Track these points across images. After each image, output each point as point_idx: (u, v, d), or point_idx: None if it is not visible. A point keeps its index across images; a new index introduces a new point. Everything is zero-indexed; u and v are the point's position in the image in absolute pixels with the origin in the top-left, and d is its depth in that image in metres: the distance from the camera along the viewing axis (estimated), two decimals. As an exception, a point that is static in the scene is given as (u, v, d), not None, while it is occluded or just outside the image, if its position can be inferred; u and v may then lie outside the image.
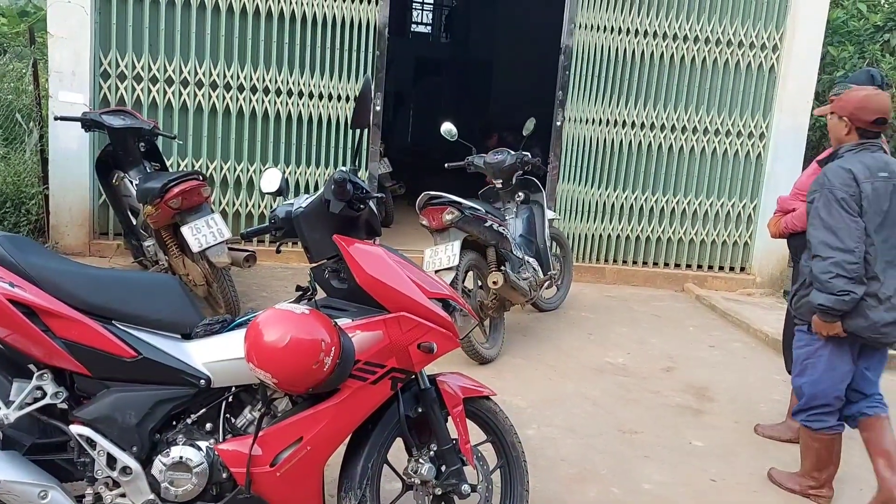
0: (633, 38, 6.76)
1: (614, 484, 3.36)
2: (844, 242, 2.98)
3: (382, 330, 2.28)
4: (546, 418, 3.95)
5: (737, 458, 3.76)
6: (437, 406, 2.46)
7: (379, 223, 2.55)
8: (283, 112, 6.34)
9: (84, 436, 2.17)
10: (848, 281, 2.97)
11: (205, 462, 2.23)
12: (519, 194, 5.41)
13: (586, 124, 6.81)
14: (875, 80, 3.65)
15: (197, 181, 4.46)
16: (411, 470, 2.45)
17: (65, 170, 5.96)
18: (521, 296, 4.81)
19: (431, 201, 4.48)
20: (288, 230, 2.47)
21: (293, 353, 2.07)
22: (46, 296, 2.18)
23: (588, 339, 5.33)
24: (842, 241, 2.99)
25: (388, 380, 2.29)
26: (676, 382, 4.68)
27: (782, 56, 6.87)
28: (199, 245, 4.39)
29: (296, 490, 2.27)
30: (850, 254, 2.97)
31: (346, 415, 2.27)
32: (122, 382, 2.23)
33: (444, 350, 2.36)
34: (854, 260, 2.97)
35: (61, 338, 2.17)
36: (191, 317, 2.34)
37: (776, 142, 6.93)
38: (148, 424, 2.23)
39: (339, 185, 2.26)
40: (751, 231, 7.12)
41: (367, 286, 2.31)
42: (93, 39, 5.90)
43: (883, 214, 3.05)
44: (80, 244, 6.07)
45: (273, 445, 2.24)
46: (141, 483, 2.20)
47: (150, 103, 6.12)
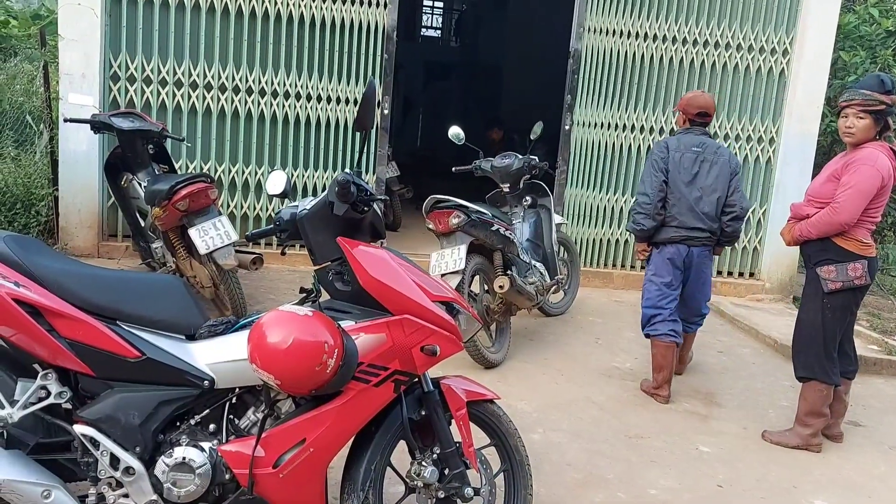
0: (643, 42, 6.74)
1: (620, 489, 3.34)
2: (647, 190, 4.33)
3: (386, 332, 2.28)
4: (552, 423, 3.93)
5: (744, 464, 3.73)
6: (440, 409, 2.45)
7: (383, 226, 2.55)
8: (291, 115, 6.36)
9: (87, 436, 2.18)
10: (644, 216, 4.32)
11: (208, 463, 2.23)
12: (526, 198, 5.39)
13: (595, 128, 6.79)
14: (885, 84, 3.63)
15: (204, 183, 4.48)
16: (414, 473, 2.44)
17: (74, 172, 6.00)
18: (527, 300, 4.80)
19: (438, 205, 4.48)
20: (292, 232, 2.47)
21: (296, 355, 2.07)
22: (51, 296, 2.18)
23: (595, 343, 5.31)
24: (645, 188, 4.34)
25: (391, 382, 2.28)
26: (684, 388, 4.65)
27: (792, 61, 6.84)
28: (207, 247, 4.41)
29: (298, 492, 2.26)
30: (647, 197, 4.31)
31: (349, 417, 2.27)
32: (125, 383, 2.24)
33: (448, 353, 2.36)
34: (649, 202, 4.29)
35: (65, 338, 2.17)
36: (195, 318, 2.35)
37: (785, 147, 6.90)
38: (151, 425, 2.23)
39: (342, 186, 2.26)
40: (760, 236, 7.08)
41: (371, 288, 2.31)
42: (103, 42, 5.94)
43: (692, 175, 4.32)
44: (89, 246, 6.10)
45: (276, 447, 2.23)
46: (144, 483, 2.20)
47: (160, 106, 6.15)
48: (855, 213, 3.67)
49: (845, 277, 3.73)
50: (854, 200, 3.65)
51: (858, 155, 3.71)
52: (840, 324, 3.85)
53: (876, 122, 3.68)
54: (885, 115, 3.67)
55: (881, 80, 3.67)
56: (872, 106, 3.65)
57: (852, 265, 3.72)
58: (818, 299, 3.84)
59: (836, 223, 3.70)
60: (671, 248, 4.37)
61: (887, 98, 3.64)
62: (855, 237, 3.72)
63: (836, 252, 3.76)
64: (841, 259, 3.75)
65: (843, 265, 3.74)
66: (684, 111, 4.47)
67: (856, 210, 3.66)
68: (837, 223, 3.70)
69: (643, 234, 4.40)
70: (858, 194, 3.65)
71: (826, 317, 3.83)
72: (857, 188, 3.65)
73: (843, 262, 3.74)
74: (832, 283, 3.76)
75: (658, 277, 4.40)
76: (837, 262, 3.75)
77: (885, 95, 3.64)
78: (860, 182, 3.65)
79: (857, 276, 3.72)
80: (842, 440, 4.09)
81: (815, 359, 3.88)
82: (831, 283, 3.76)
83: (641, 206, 4.35)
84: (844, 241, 3.73)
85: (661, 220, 4.33)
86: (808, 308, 3.94)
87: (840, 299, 3.79)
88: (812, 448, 3.92)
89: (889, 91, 3.64)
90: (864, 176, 3.65)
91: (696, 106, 4.41)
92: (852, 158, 3.71)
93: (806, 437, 3.92)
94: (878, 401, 4.79)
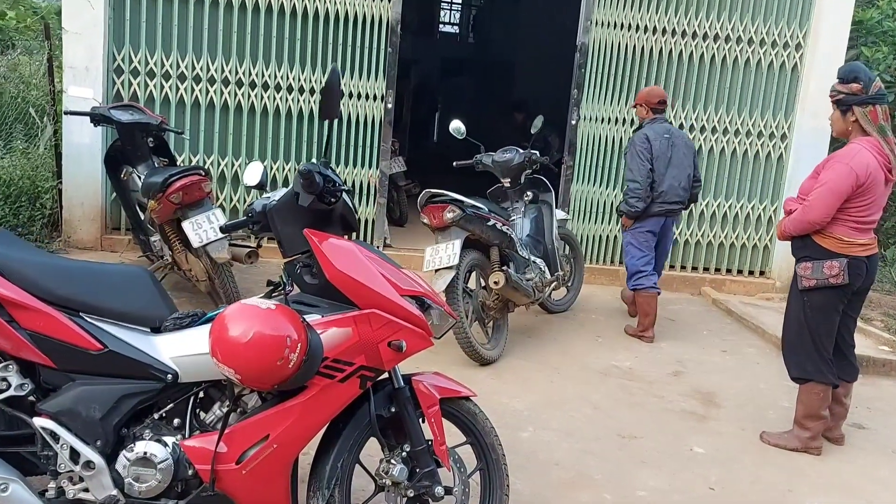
0: (651, 36, 6.62)
1: (607, 490, 3.27)
2: (636, 178, 5.10)
3: (352, 327, 2.22)
4: (543, 421, 3.86)
5: (739, 465, 3.64)
6: (411, 406, 2.39)
7: (355, 218, 2.50)
8: (294, 109, 6.33)
9: (47, 429, 2.15)
10: (637, 199, 5.11)
11: (170, 458, 2.20)
12: (527, 193, 5.32)
13: (602, 123, 6.69)
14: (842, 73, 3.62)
15: (198, 176, 4.45)
16: (382, 471, 2.40)
17: (78, 165, 6.01)
18: (524, 296, 4.73)
19: (433, 199, 4.42)
20: (265, 224, 2.43)
21: (257, 349, 2.03)
22: (12, 286, 2.15)
23: (596, 341, 5.23)
24: (635, 176, 5.11)
25: (356, 378, 2.23)
26: (683, 387, 4.56)
27: (806, 55, 6.69)
28: (200, 240, 4.39)
29: (262, 488, 2.22)
30: (638, 183, 5.09)
31: (314, 413, 2.22)
32: (88, 375, 2.21)
33: (416, 348, 2.30)
34: (640, 187, 5.09)
35: (26, 329, 2.15)
36: (160, 310, 2.31)
37: (798, 143, 6.75)
38: (113, 418, 2.20)
39: (305, 177, 2.21)
40: (771, 234, 6.94)
41: (337, 282, 2.26)
42: (106, 35, 5.94)
43: (668, 159, 5.16)
44: (93, 239, 6.12)
45: (239, 442, 2.19)
46: (104, 478, 2.17)
47: (163, 99, 6.14)
48: (825, 213, 3.57)
49: (820, 275, 3.63)
50: (824, 199, 3.56)
51: (838, 152, 3.65)
52: (824, 323, 3.74)
53: (842, 113, 3.60)
54: (846, 104, 3.58)
55: (843, 70, 3.61)
56: (834, 97, 3.62)
57: (828, 263, 3.61)
58: (798, 297, 3.77)
59: (807, 222, 3.63)
60: (654, 221, 5.25)
61: (844, 87, 3.56)
62: (833, 235, 3.61)
63: (813, 249, 3.68)
64: (817, 256, 3.66)
65: (819, 263, 3.64)
66: (647, 103, 5.29)
67: (826, 209, 3.56)
68: (808, 222, 3.63)
69: (635, 215, 5.18)
70: (829, 193, 3.55)
71: (807, 315, 3.74)
72: (828, 187, 3.56)
73: (819, 260, 3.65)
74: (806, 281, 3.68)
75: (644, 244, 5.27)
76: (814, 260, 3.67)
77: (843, 84, 3.57)
78: (832, 181, 3.56)
79: (832, 275, 3.60)
80: (843, 442, 3.98)
81: (807, 358, 3.78)
82: (805, 281, 3.69)
83: (633, 192, 5.13)
84: (822, 238, 3.63)
85: (650, 200, 5.13)
86: (791, 306, 3.87)
87: (818, 298, 3.69)
88: (811, 451, 3.81)
89: (846, 79, 3.55)
90: (836, 174, 3.55)
91: (656, 96, 5.30)
92: (831, 155, 3.66)
93: (805, 439, 3.81)
94: (884, 403, 4.66)
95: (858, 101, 3.55)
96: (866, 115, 3.56)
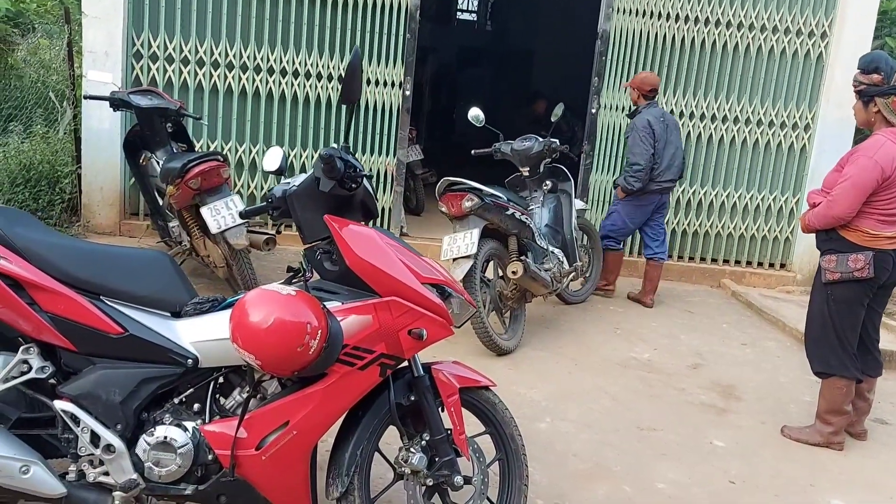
0: (674, 24, 6.54)
1: (626, 482, 3.24)
2: (639, 160, 5.45)
3: (372, 314, 2.20)
4: (561, 412, 3.83)
5: (760, 459, 3.60)
6: (430, 395, 2.37)
7: (375, 205, 2.48)
8: (312, 96, 6.30)
9: (68, 412, 2.14)
10: (636, 180, 5.47)
11: (190, 443, 2.19)
12: (546, 183, 5.27)
13: (623, 112, 6.61)
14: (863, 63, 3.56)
15: (217, 162, 4.44)
16: (402, 459, 2.38)
17: (97, 149, 6.03)
18: (542, 287, 4.69)
19: (451, 187, 4.39)
20: (284, 210, 2.41)
21: (277, 335, 2.01)
22: (33, 269, 2.15)
23: (614, 333, 5.19)
24: (637, 159, 5.46)
25: (376, 366, 2.21)
26: (703, 380, 4.51)
27: (831, 44, 6.57)
28: (218, 226, 4.38)
29: (281, 474, 2.21)
30: (640, 166, 5.44)
31: (334, 400, 2.20)
32: (108, 359, 2.20)
33: (436, 337, 2.27)
34: (642, 170, 5.45)
35: (47, 312, 2.14)
36: (181, 294, 2.30)
37: (822, 134, 6.65)
38: (133, 403, 2.19)
39: (326, 162, 2.18)
40: (792, 226, 6.85)
41: (357, 269, 2.23)
42: (126, 20, 5.94)
43: (665, 141, 5.52)
44: (111, 224, 6.14)
45: (259, 428, 2.18)
46: (124, 462, 2.17)
47: (181, 85, 6.14)
48: (850, 208, 3.51)
49: (844, 269, 3.58)
50: (849, 194, 3.51)
51: (862, 144, 3.59)
52: (848, 317, 3.68)
53: (864, 103, 3.55)
54: (868, 95, 3.53)
55: (864, 60, 3.55)
56: (856, 87, 3.57)
57: (853, 256, 3.55)
58: (822, 290, 3.72)
59: (831, 217, 3.58)
60: (651, 198, 5.65)
61: (865, 77, 3.50)
62: (859, 228, 3.55)
63: (838, 242, 3.63)
64: (842, 249, 3.61)
65: (844, 256, 3.59)
66: (639, 89, 5.63)
67: (851, 204, 3.51)
68: (832, 217, 3.58)
69: (631, 193, 5.56)
70: (853, 188, 3.50)
71: (831, 308, 3.69)
72: (853, 181, 3.51)
73: (844, 253, 3.59)
74: (830, 274, 3.64)
75: (630, 217, 5.73)
76: (839, 253, 3.62)
77: (864, 75, 3.51)
78: (855, 175, 3.50)
79: (857, 269, 3.55)
80: (865, 438, 3.93)
81: (830, 352, 3.73)
82: (829, 274, 3.64)
83: (635, 173, 5.47)
84: (847, 231, 3.58)
85: (648, 180, 5.51)
86: (814, 299, 3.82)
87: (843, 291, 3.64)
88: (833, 446, 3.76)
89: (867, 70, 3.49)
90: (859, 168, 3.50)
91: (649, 84, 5.62)
92: (855, 148, 3.59)
93: (827, 434, 3.77)
94: (908, 399, 4.60)
95: (880, 92, 3.50)
96: (888, 106, 3.50)
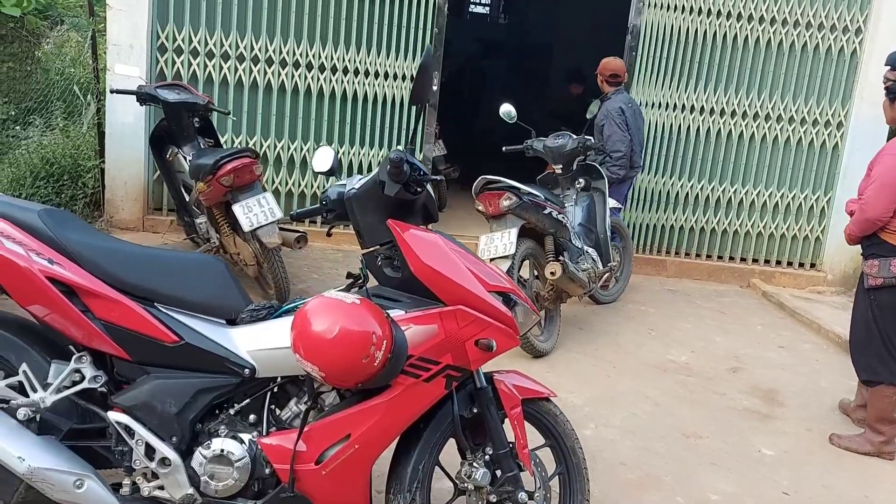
0: (706, 18, 6.40)
1: (678, 492, 3.15)
2: (620, 148, 5.42)
3: (438, 324, 2.11)
4: (603, 418, 3.75)
5: (810, 469, 3.51)
6: (493, 407, 2.28)
7: (436, 208, 2.39)
8: (339, 90, 6.20)
9: (122, 423, 2.07)
10: (619, 168, 5.44)
11: (247, 456, 2.11)
12: (579, 181, 5.16)
13: (652, 109, 6.49)
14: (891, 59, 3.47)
15: (249, 158, 4.35)
16: (465, 475, 2.28)
17: (121, 144, 5.94)
18: (579, 288, 4.60)
19: (488, 186, 4.29)
20: (340, 212, 2.32)
21: (342, 346, 1.92)
22: (86, 274, 2.07)
23: (648, 334, 5.09)
24: (618, 146, 5.41)
25: (442, 378, 2.12)
26: (743, 384, 4.42)
27: (865, 40, 6.44)
28: (251, 224, 4.29)
29: (341, 490, 2.13)
30: (621, 153, 5.42)
31: (397, 413, 2.11)
32: (162, 368, 2.12)
33: (504, 348, 2.18)
34: (623, 157, 5.44)
35: (101, 319, 2.06)
36: (236, 301, 2.21)
37: (855, 132, 6.52)
38: (189, 414, 2.11)
39: (395, 165, 2.09)
40: (823, 225, 6.74)
41: (423, 276, 2.14)
42: (151, 13, 5.84)
43: (637, 126, 5.56)
44: (135, 219, 6.06)
45: (319, 441, 2.10)
46: (180, 476, 2.08)
47: (206, 78, 6.04)
48: (883, 208, 3.43)
49: (887, 273, 3.51)
50: (879, 195, 3.44)
51: (887, 144, 3.52)
52: (893, 323, 3.59)
53: (890, 101, 3.48)
54: (894, 92, 3.46)
55: (892, 57, 3.49)
56: (885, 84, 3.50)
57: None
58: (866, 296, 3.64)
59: (866, 220, 3.50)
60: (627, 183, 5.79)
61: (893, 74, 3.44)
62: None
63: (879, 246, 3.55)
64: (884, 254, 3.53)
65: (887, 260, 3.51)
66: (600, 74, 5.63)
67: (883, 205, 3.43)
68: (867, 220, 3.50)
69: (620, 177, 5.53)
70: (882, 188, 3.43)
71: (875, 314, 3.61)
72: (881, 181, 3.44)
73: (886, 258, 3.51)
74: (873, 279, 3.56)
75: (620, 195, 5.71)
76: (881, 258, 3.53)
77: (893, 72, 3.45)
78: (883, 174, 3.44)
79: None
80: None
81: (877, 359, 3.64)
82: (872, 279, 3.56)
83: (617, 161, 5.44)
84: (888, 234, 3.51)
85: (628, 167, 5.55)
86: (858, 304, 3.75)
87: (886, 297, 3.56)
88: (885, 455, 3.67)
89: (895, 66, 3.40)
90: (887, 167, 3.44)
91: (609, 70, 5.59)
92: (881, 148, 3.50)
93: (878, 444, 3.67)
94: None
95: None
96: None
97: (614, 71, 5.60)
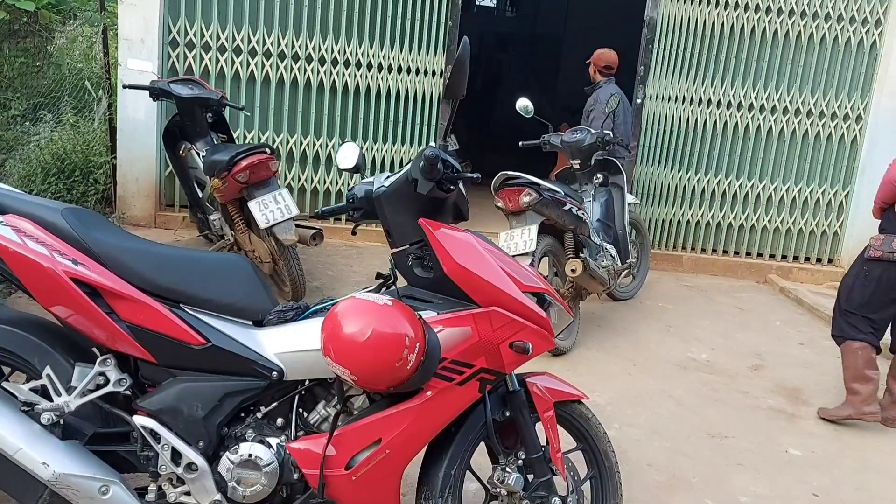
0: (723, 11, 6.33)
1: (707, 495, 3.09)
2: (626, 133, 5.51)
3: (471, 326, 2.05)
4: (628, 418, 3.68)
5: (839, 470, 3.44)
6: (526, 410, 2.22)
7: (467, 206, 2.31)
8: (352, 85, 6.14)
9: (148, 427, 2.01)
10: (623, 149, 5.42)
11: (275, 461, 2.05)
12: (597, 176, 5.09)
13: (668, 102, 6.43)
14: None
15: (265, 154, 4.29)
16: (497, 479, 2.22)
17: (133, 140, 5.89)
18: (599, 284, 4.54)
19: (508, 182, 4.22)
20: (367, 211, 2.24)
21: (374, 349, 1.86)
22: (111, 275, 2.01)
23: (667, 331, 5.02)
24: (621, 131, 5.36)
25: (475, 381, 2.06)
26: (766, 382, 4.35)
27: (885, 32, 6.36)
28: (267, 221, 4.23)
29: (372, 496, 2.07)
30: (627, 139, 5.51)
31: (430, 417, 2.05)
32: (189, 371, 2.06)
33: (540, 350, 2.12)
34: (626, 143, 5.48)
35: (126, 321, 2.00)
36: (263, 302, 2.15)
37: (874, 125, 6.45)
38: (216, 418, 2.05)
39: (430, 162, 2.02)
40: (841, 220, 6.67)
41: (456, 276, 2.07)
42: (162, 7, 5.78)
43: (627, 120, 5.60)
44: (146, 215, 6.01)
45: (349, 446, 2.04)
46: (207, 481, 2.03)
47: (218, 73, 5.99)
48: None
49: (888, 248, 3.61)
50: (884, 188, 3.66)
51: None
52: (872, 294, 3.70)
53: None
54: None
55: None
56: None
57: None
58: (861, 264, 3.78)
59: (888, 181, 3.65)
60: None
61: None
62: None
63: (890, 222, 3.68)
64: (893, 231, 3.65)
65: (891, 237, 3.62)
66: (595, 64, 5.70)
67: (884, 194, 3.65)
68: (888, 181, 3.64)
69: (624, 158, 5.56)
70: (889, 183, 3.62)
71: (861, 281, 3.73)
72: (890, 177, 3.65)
73: (892, 234, 3.63)
74: (874, 251, 3.68)
75: None
76: (889, 233, 3.65)
77: None
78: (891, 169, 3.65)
79: None
80: None
81: (839, 313, 3.81)
82: (873, 251, 3.69)
83: (630, 149, 5.74)
84: None
85: None
86: (851, 270, 3.87)
87: (877, 269, 3.67)
88: (866, 417, 3.75)
89: None
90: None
91: (603, 61, 5.67)
92: None
93: (857, 404, 3.79)
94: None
95: None
96: None
97: (609, 63, 5.68)
